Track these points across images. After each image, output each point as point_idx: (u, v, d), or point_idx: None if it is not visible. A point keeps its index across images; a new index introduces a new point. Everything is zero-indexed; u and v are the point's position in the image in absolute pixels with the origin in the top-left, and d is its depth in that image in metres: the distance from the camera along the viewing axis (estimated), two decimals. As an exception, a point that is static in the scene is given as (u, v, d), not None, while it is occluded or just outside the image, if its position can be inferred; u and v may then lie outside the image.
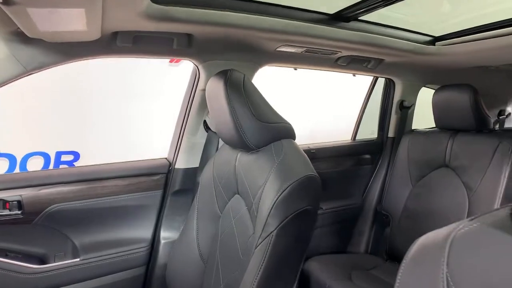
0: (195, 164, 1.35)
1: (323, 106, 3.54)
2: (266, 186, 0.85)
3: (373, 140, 1.92)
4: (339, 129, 2.39)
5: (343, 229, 1.82)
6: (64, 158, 2.99)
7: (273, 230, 0.80)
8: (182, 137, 1.35)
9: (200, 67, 1.23)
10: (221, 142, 1.29)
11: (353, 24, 1.18)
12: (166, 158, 1.41)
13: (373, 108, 1.98)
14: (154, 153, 1.47)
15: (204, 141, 1.34)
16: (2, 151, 2.77)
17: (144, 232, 1.35)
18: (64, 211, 1.20)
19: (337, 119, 3.09)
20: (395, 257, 1.59)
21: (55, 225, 1.21)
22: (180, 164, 1.36)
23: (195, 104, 1.29)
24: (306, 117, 3.31)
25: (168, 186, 1.37)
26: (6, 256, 1.13)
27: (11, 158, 2.79)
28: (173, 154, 1.38)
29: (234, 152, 1.04)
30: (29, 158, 2.84)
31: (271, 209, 0.81)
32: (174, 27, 0.99)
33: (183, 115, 1.34)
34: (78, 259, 1.22)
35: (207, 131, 1.33)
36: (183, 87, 1.35)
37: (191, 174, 1.35)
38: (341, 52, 1.30)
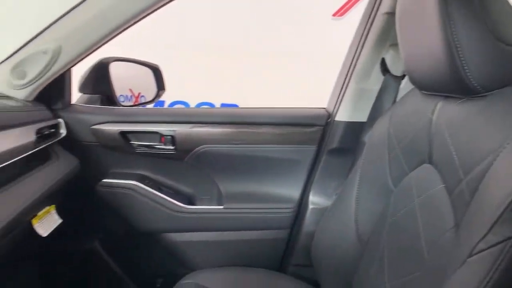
0: (362, 117, 1.05)
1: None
2: (501, 156, 0.48)
3: None
4: None
5: None
6: (226, 110, 3.19)
7: None
8: (348, 81, 1.05)
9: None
10: (404, 90, 0.94)
11: None
12: (325, 108, 1.16)
13: None
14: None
15: (378, 88, 1.00)
16: (180, 99, 3.14)
17: (291, 191, 1.16)
18: (213, 153, 1.11)
19: None
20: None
21: (204, 166, 1.14)
22: (342, 116, 1.08)
23: (372, 35, 0.95)
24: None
25: (324, 141, 1.12)
26: (159, 190, 1.14)
27: (186, 105, 3.15)
28: (334, 103, 1.11)
29: (431, 101, 0.69)
30: (200, 107, 3.14)
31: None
32: None
33: (353, 52, 1.02)
34: (221, 207, 1.14)
35: (384, 74, 0.99)
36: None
37: (355, 130, 1.06)
38: None
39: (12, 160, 0.80)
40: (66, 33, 0.94)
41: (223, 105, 3.22)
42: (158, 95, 1.37)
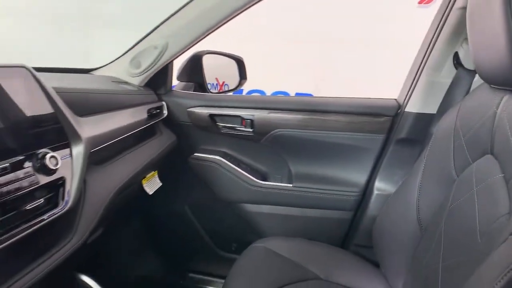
0: (432, 109, 1.08)
1: None
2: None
3: None
4: None
5: None
6: (300, 98, 3.29)
7: None
8: (420, 73, 1.08)
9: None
10: (475, 84, 0.96)
11: None
12: (395, 99, 1.20)
13: None
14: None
15: (450, 81, 1.02)
16: (257, 88, 3.33)
17: (358, 177, 1.24)
18: (286, 136, 1.24)
19: None
20: None
21: (277, 148, 1.28)
22: (413, 107, 1.12)
23: (446, 29, 0.98)
24: None
25: (393, 131, 1.17)
26: (239, 166, 1.31)
27: (262, 93, 3.34)
28: (405, 95, 1.15)
29: (497, 95, 0.72)
30: (276, 95, 3.29)
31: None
32: None
33: (427, 45, 1.05)
34: (291, 185, 1.28)
35: (456, 68, 1.00)
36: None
37: (425, 122, 1.09)
38: None
39: (132, 132, 1.04)
40: (172, 32, 1.15)
41: (297, 94, 3.33)
42: (240, 83, 1.54)
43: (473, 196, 0.72)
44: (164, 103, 1.27)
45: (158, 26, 1.18)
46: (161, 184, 1.22)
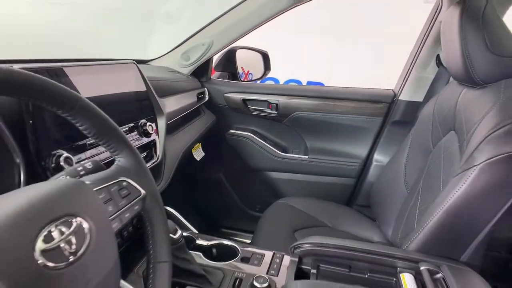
0: (419, 98, 1.39)
1: None
2: (482, 122, 0.83)
3: None
4: None
5: None
6: (311, 86, 3.58)
7: (477, 164, 0.79)
8: (411, 70, 1.39)
9: (445, -3, 1.20)
10: (452, 79, 1.26)
11: None
12: (392, 90, 1.50)
13: None
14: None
15: (433, 76, 1.33)
16: (272, 76, 3.62)
17: (360, 151, 1.56)
18: (303, 118, 1.56)
19: None
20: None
21: (296, 127, 1.60)
22: (405, 96, 1.43)
23: (431, 36, 1.28)
24: None
25: (389, 115, 1.49)
26: (265, 141, 1.63)
27: (276, 81, 3.63)
28: (399, 86, 1.45)
29: (459, 88, 1.03)
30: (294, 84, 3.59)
31: (480, 143, 0.80)
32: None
33: (417, 47, 1.36)
34: (307, 157, 1.60)
35: (438, 66, 1.30)
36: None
37: (414, 108, 1.40)
38: None
39: (189, 111, 1.36)
40: (216, 32, 1.45)
41: (309, 83, 3.62)
42: (265, 74, 1.85)
43: (440, 160, 1.02)
44: (206, 89, 1.58)
45: (204, 27, 1.48)
46: (204, 154, 1.55)
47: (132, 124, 0.93)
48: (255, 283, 0.75)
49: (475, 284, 0.77)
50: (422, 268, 0.80)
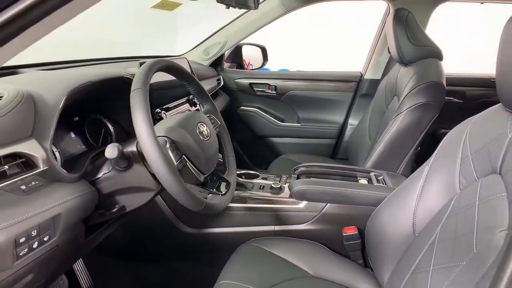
0: (378, 76, 1.94)
1: None
2: (406, 86, 1.36)
3: None
4: None
5: None
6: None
7: (403, 111, 1.35)
8: (372, 55, 1.93)
9: (390, 5, 1.73)
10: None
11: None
12: (360, 72, 2.05)
13: None
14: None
15: (387, 60, 1.88)
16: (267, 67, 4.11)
17: (338, 117, 2.11)
18: (296, 95, 2.09)
19: None
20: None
21: (290, 103, 2.13)
22: (368, 75, 1.98)
23: (383, 32, 1.82)
24: None
25: (358, 90, 2.04)
26: (268, 113, 2.16)
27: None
28: (365, 68, 2.00)
29: (399, 67, 1.56)
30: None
31: (404, 97, 1.34)
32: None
33: (376, 41, 1.90)
34: (299, 124, 2.14)
35: (389, 53, 1.85)
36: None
37: (375, 83, 1.94)
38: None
39: (214, 91, 1.88)
40: (229, 33, 1.96)
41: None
42: (263, 64, 2.37)
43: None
44: (221, 76, 2.09)
45: (219, 30, 1.99)
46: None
47: (186, 98, 1.44)
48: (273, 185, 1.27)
49: (401, 181, 1.31)
50: (371, 174, 1.34)
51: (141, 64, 1.15)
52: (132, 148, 0.81)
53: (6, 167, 0.66)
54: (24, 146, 0.68)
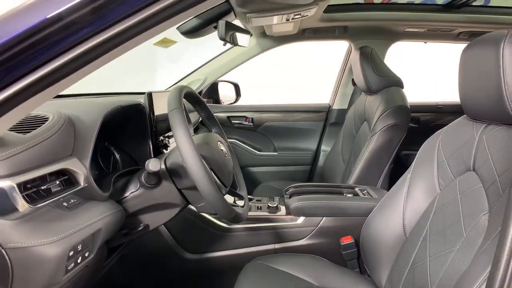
0: (345, 106, 2.16)
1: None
2: (376, 112, 1.56)
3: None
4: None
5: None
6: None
7: (376, 132, 1.54)
8: (338, 89, 2.17)
9: (352, 44, 2.00)
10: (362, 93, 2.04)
11: (464, 9, 1.67)
12: (328, 103, 2.27)
13: None
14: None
15: (351, 92, 2.12)
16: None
17: (311, 145, 2.28)
18: (271, 126, 2.24)
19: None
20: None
21: (266, 134, 2.27)
22: (336, 105, 2.20)
23: (347, 68, 2.07)
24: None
25: (328, 119, 2.24)
26: (245, 144, 2.26)
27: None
28: (332, 99, 2.23)
29: (365, 97, 1.78)
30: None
31: (376, 121, 1.53)
32: (337, 23, 1.80)
33: (340, 75, 2.15)
34: (276, 153, 2.27)
35: (354, 85, 2.09)
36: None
37: (342, 113, 2.16)
38: (457, 29, 1.80)
39: (195, 125, 1.96)
40: (208, 71, 2.09)
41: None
42: (236, 100, 2.51)
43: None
44: (200, 110, 2.19)
45: (199, 67, 2.11)
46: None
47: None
48: (270, 204, 1.35)
49: (383, 193, 1.46)
50: (356, 189, 1.47)
51: (149, 94, 1.23)
52: (160, 165, 0.86)
53: (55, 183, 0.69)
54: (69, 163, 0.72)
